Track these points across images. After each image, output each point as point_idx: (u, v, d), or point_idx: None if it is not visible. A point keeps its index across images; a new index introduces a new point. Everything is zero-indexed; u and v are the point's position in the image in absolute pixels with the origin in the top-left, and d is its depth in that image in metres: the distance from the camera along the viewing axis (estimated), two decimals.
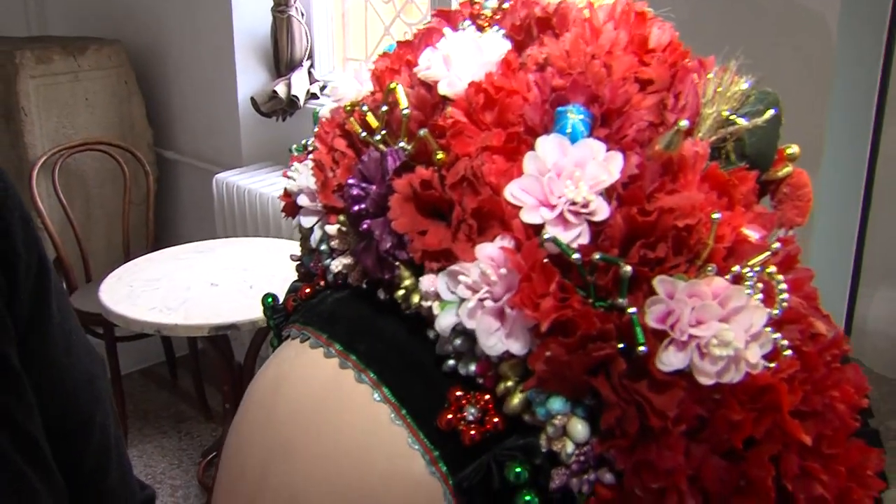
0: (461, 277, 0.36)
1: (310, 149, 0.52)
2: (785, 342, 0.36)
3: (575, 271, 0.35)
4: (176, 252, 2.57)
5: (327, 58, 3.06)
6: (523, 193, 0.35)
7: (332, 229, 0.45)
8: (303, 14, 2.88)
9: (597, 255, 0.34)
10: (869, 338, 1.37)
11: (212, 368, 2.86)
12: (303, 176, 0.49)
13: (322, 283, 0.50)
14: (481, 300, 0.36)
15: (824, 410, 0.38)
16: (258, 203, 2.78)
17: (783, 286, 0.36)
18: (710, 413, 0.35)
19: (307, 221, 0.49)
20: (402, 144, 0.40)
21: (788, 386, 0.36)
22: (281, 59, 2.89)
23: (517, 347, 0.35)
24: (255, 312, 2.14)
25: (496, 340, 0.36)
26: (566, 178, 0.35)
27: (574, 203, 0.34)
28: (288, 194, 0.52)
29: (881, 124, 1.30)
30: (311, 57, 2.97)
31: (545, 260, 0.34)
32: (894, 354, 1.34)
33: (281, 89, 2.86)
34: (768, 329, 0.35)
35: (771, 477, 0.35)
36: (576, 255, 0.34)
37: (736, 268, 0.36)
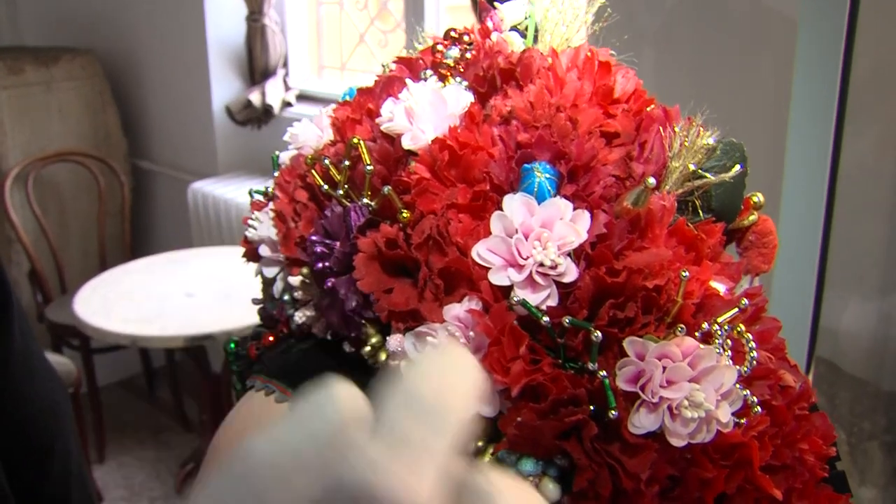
0: (429, 339, 0.36)
1: (270, 195, 0.51)
2: (754, 398, 0.36)
3: (544, 332, 0.35)
4: (151, 263, 2.55)
5: (302, 66, 3.04)
6: (490, 254, 0.35)
7: (295, 281, 0.45)
8: (277, 22, 2.86)
9: (567, 320, 0.33)
10: (841, 340, 1.38)
11: (189, 379, 2.85)
12: (263, 225, 0.48)
13: (285, 329, 0.50)
14: None
15: (794, 464, 0.37)
16: (234, 212, 2.76)
17: (752, 344, 0.36)
18: (682, 472, 0.35)
19: (269, 272, 0.48)
20: (365, 201, 0.39)
21: (759, 442, 0.36)
22: (255, 68, 2.87)
23: (487, 410, 0.35)
24: (232, 323, 2.13)
25: None
26: (534, 240, 0.35)
27: (542, 265, 0.34)
28: (249, 241, 0.51)
29: (842, 126, 1.32)
30: (285, 65, 2.96)
31: (514, 322, 0.34)
32: (867, 357, 1.36)
33: (256, 98, 2.84)
34: (738, 386, 0.35)
35: None
36: (545, 319, 0.34)
37: (705, 325, 0.36)
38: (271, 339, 0.50)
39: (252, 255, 0.51)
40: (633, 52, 0.45)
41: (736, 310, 0.36)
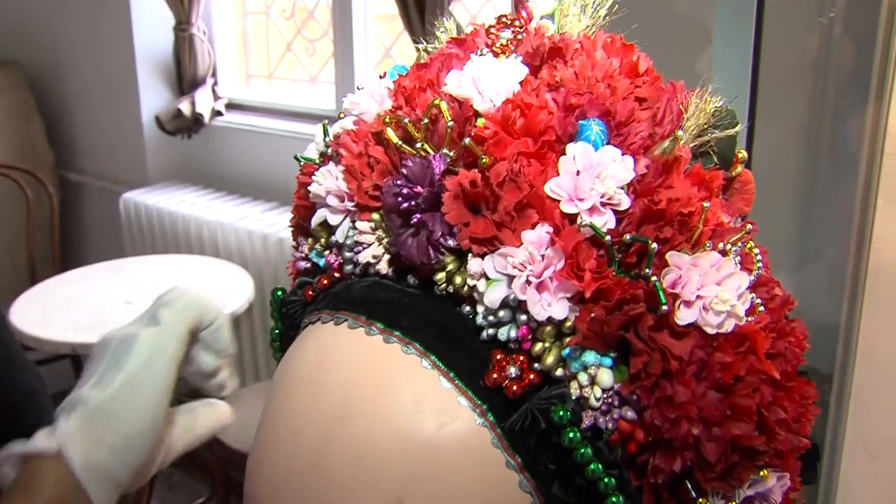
0: (510, 259, 0.45)
1: (329, 156, 0.59)
2: (759, 300, 0.47)
3: (604, 248, 0.44)
4: (86, 272, 2.54)
5: (230, 75, 3.07)
6: (560, 189, 0.44)
7: (364, 225, 0.53)
8: (205, 32, 2.89)
9: (628, 237, 0.43)
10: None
11: None
12: (329, 180, 0.56)
13: (336, 275, 0.57)
14: (528, 275, 0.44)
15: (785, 352, 0.48)
16: (167, 221, 2.77)
17: (759, 257, 0.46)
18: (709, 357, 0.45)
19: (334, 219, 0.56)
20: (444, 151, 0.48)
21: (763, 334, 0.46)
22: (184, 78, 2.90)
23: (560, 313, 0.44)
24: None
25: (541, 308, 0.44)
26: (594, 177, 0.44)
27: (604, 195, 0.44)
28: (303, 198, 0.59)
29: (755, 114, 1.46)
30: (214, 74, 2.98)
31: (583, 240, 0.43)
32: None
33: (185, 107, 2.86)
34: (747, 291, 0.46)
35: (755, 405, 0.45)
36: (608, 238, 0.43)
37: (721, 244, 0.46)
38: (325, 282, 0.57)
39: (304, 210, 0.59)
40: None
41: (744, 232, 0.47)
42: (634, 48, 0.51)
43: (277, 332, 0.65)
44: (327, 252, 0.58)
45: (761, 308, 0.47)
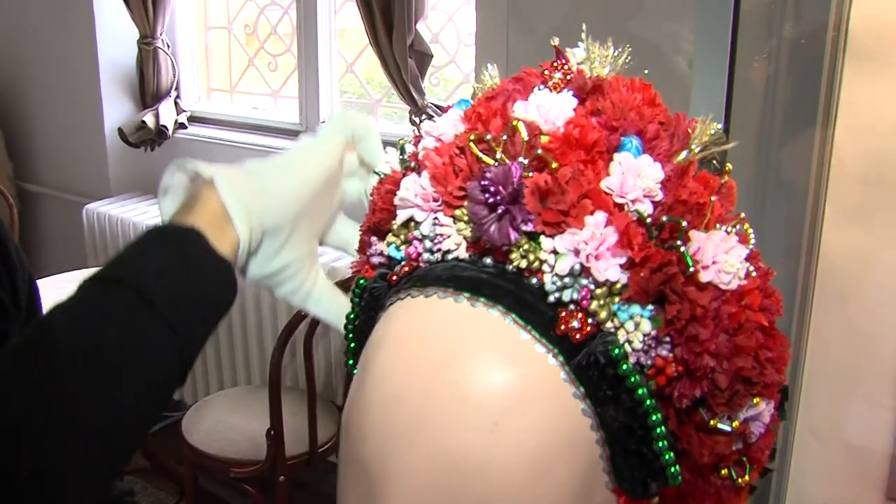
0: (576, 237, 0.61)
1: (413, 168, 0.74)
2: (751, 267, 0.64)
3: (644, 228, 0.61)
4: (54, 281, 2.59)
5: (193, 88, 3.16)
6: (612, 185, 0.61)
7: (446, 220, 0.68)
8: (168, 46, 2.98)
9: (664, 218, 0.60)
10: None
11: None
12: (416, 185, 0.71)
13: (415, 263, 0.71)
14: (591, 249, 0.61)
15: (770, 307, 0.66)
16: (131, 232, 2.84)
17: (752, 235, 0.64)
18: (718, 308, 0.62)
19: (421, 216, 0.71)
20: (520, 159, 0.64)
21: (756, 292, 0.63)
22: (147, 91, 2.98)
23: (615, 275, 0.61)
24: None
25: (600, 272, 0.61)
26: (636, 176, 0.61)
27: (644, 189, 0.60)
28: (387, 203, 0.74)
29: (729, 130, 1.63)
30: (177, 88, 3.07)
31: (632, 221, 0.60)
32: None
33: (149, 120, 2.95)
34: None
35: (753, 345, 0.63)
36: (648, 220, 0.60)
37: (724, 228, 0.64)
38: (407, 269, 0.72)
39: (389, 213, 0.74)
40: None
41: (740, 219, 0.64)
42: (651, 86, 0.69)
43: (353, 315, 0.78)
44: (405, 246, 0.72)
45: (753, 273, 0.64)
